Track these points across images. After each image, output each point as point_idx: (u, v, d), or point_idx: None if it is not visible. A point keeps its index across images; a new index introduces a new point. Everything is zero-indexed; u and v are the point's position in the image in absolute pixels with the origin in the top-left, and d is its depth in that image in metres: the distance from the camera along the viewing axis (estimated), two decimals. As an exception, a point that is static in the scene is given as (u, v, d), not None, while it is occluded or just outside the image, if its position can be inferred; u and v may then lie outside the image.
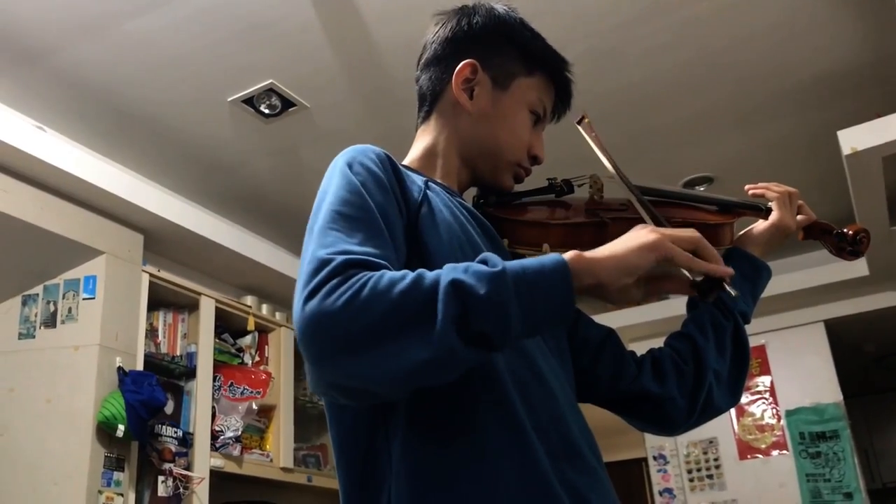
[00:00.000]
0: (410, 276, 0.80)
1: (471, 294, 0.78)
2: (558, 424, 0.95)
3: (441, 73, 1.16)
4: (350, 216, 0.90)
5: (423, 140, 1.18)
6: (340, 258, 0.82)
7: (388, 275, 0.80)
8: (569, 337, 1.17)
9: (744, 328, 1.25)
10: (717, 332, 1.23)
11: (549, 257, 0.85)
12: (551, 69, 1.18)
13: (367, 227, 0.89)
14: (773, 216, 1.29)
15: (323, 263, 0.82)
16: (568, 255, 0.86)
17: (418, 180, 1.06)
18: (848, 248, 1.34)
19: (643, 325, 4.69)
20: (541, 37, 1.19)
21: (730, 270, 0.92)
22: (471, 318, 0.77)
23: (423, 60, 1.20)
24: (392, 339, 0.77)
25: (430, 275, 0.80)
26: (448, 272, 0.80)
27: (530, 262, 0.83)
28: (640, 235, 0.91)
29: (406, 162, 1.17)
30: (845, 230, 1.34)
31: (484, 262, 0.82)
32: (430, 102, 1.18)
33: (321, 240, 0.87)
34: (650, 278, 0.95)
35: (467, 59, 1.14)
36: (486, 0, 1.19)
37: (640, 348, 1.27)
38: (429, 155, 1.17)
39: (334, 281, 0.79)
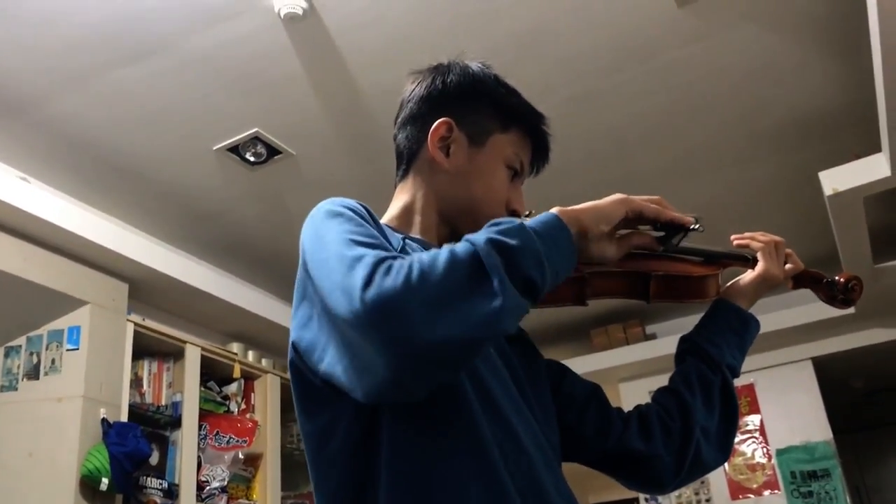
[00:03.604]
0: (442, 250, 0.84)
1: (507, 246, 0.84)
2: (532, 482, 0.94)
3: (417, 132, 1.15)
4: (362, 240, 0.90)
5: (400, 198, 1.17)
6: (371, 254, 0.84)
7: (419, 256, 0.83)
8: (553, 393, 1.16)
9: (732, 383, 1.23)
10: (705, 387, 1.21)
11: (542, 214, 0.95)
12: (527, 124, 1.17)
13: (382, 246, 0.90)
14: (760, 266, 1.27)
15: (355, 260, 0.84)
16: (554, 209, 0.96)
17: (395, 237, 1.05)
18: (840, 296, 1.31)
19: (630, 365, 4.68)
20: (516, 92, 1.18)
21: (691, 219, 1.11)
22: (514, 267, 0.83)
23: (399, 119, 1.19)
24: (460, 298, 0.80)
25: (457, 245, 0.86)
26: (475, 237, 0.86)
27: (529, 220, 0.93)
28: (611, 196, 1.03)
29: (384, 220, 1.15)
30: (836, 278, 1.30)
31: (496, 223, 0.89)
32: (407, 160, 1.17)
33: (342, 249, 0.88)
34: (621, 237, 1.04)
35: (442, 117, 1.13)
36: (462, 58, 1.19)
37: (626, 389, 1.26)
38: (406, 213, 1.15)
39: (381, 268, 0.81)
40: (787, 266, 1.31)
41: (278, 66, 2.69)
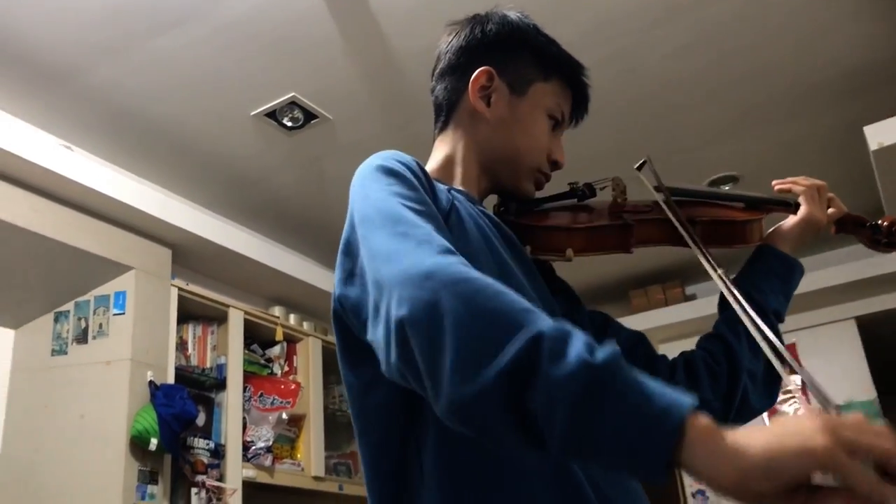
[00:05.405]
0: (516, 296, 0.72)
1: (540, 362, 0.65)
2: None
3: (456, 82, 1.15)
4: (411, 207, 0.86)
5: (441, 150, 1.16)
6: (426, 229, 0.81)
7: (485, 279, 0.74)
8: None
9: (778, 327, 1.22)
10: (749, 331, 1.21)
11: (676, 399, 0.62)
12: (567, 74, 1.16)
13: (431, 218, 0.86)
14: (802, 211, 1.25)
15: (408, 235, 0.81)
16: (700, 418, 0.61)
17: (443, 188, 1.04)
18: (884, 240, 1.29)
19: (669, 326, 4.66)
20: (555, 42, 1.17)
21: None
22: (525, 383, 0.65)
23: (437, 70, 1.19)
24: (456, 341, 0.69)
25: (534, 312, 0.69)
26: (553, 324, 0.68)
27: (649, 385, 0.63)
28: (803, 430, 0.59)
29: None
30: (880, 222, 1.29)
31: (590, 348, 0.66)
32: (446, 112, 1.17)
33: (393, 211, 0.85)
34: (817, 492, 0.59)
35: (482, 66, 1.12)
36: (499, 8, 1.18)
37: (666, 351, 1.25)
38: (447, 164, 1.15)
39: (442, 252, 0.78)
40: (830, 210, 1.29)
41: (313, 29, 2.68)
